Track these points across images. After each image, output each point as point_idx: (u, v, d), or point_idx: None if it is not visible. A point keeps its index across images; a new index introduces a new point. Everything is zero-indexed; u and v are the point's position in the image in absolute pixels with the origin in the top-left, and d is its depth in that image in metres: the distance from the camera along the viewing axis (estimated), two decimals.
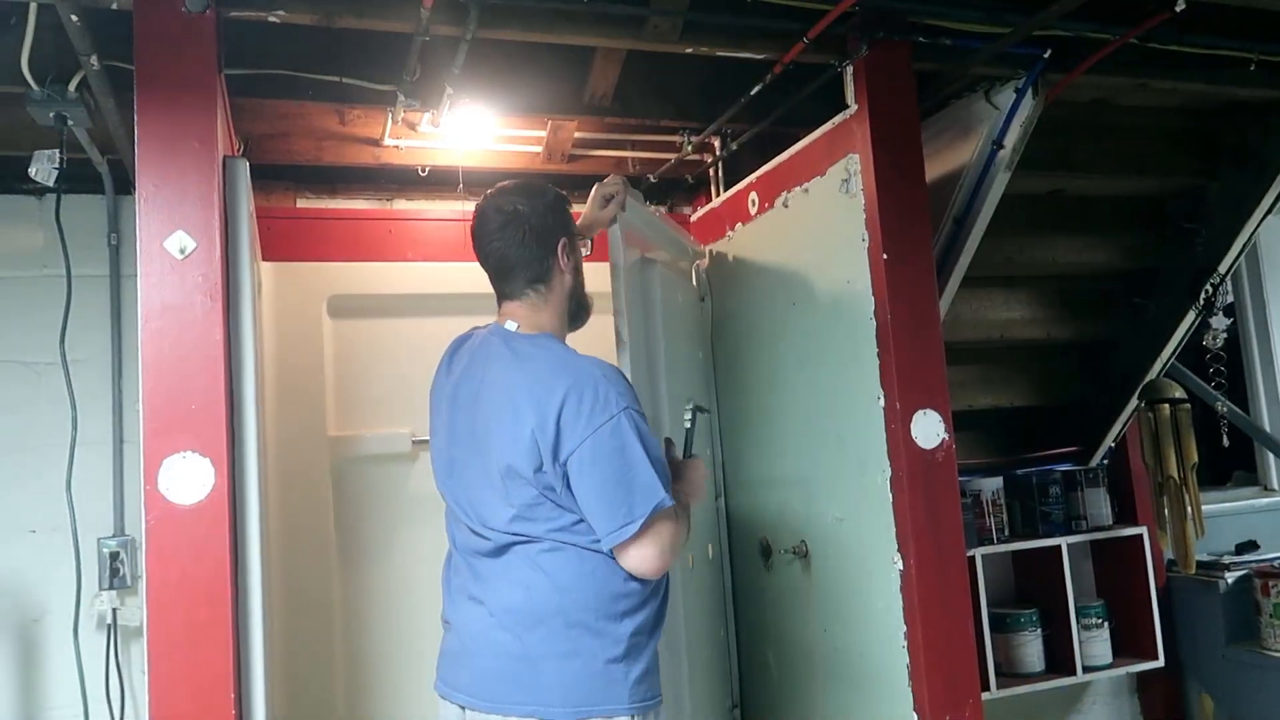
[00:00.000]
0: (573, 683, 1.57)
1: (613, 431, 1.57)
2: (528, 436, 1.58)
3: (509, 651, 1.59)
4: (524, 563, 1.62)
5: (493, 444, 1.64)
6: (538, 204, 1.77)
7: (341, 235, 2.68)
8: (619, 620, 1.61)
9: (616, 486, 1.57)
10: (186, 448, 1.67)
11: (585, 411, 1.57)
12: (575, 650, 1.58)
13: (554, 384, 1.60)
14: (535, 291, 1.77)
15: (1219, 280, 2.88)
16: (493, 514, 1.65)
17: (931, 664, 2.00)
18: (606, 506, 1.57)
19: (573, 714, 1.56)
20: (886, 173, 2.10)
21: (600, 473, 1.57)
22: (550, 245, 1.76)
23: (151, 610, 1.64)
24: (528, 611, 1.60)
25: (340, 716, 2.48)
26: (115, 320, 2.58)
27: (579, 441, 1.56)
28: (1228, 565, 3.27)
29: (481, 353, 1.76)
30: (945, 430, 2.08)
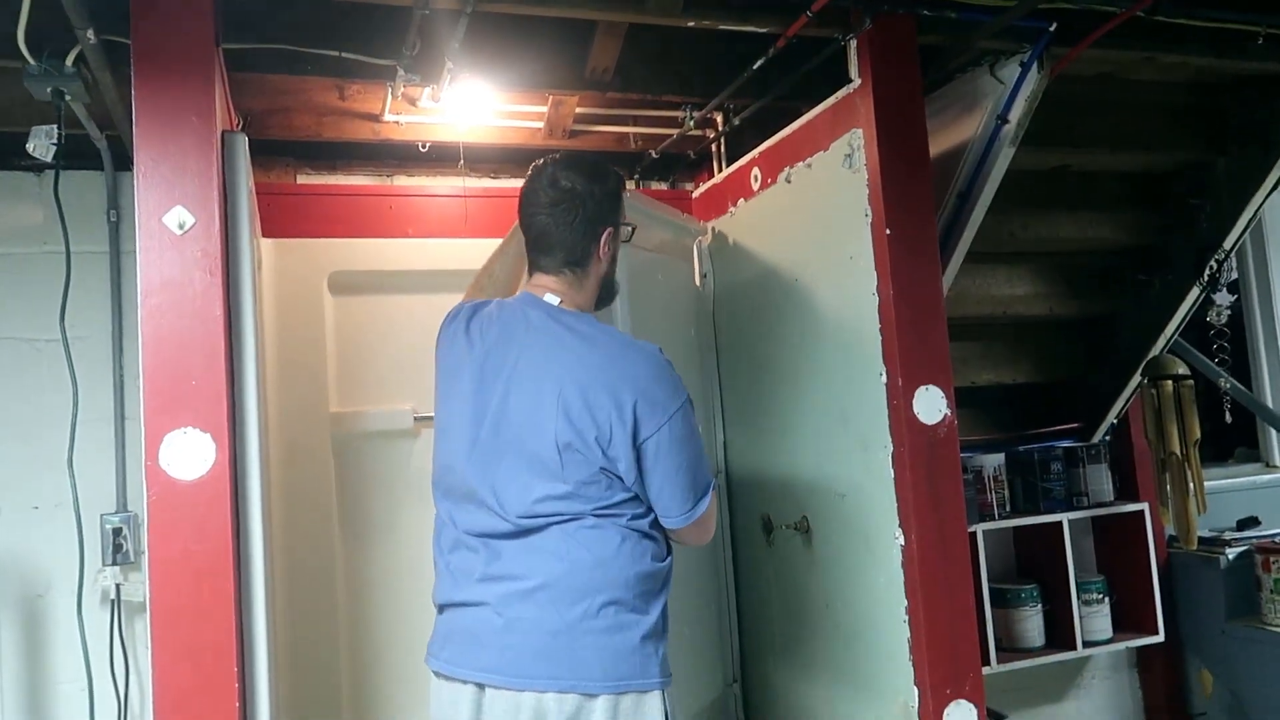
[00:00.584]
0: (613, 659, 1.59)
1: (683, 418, 1.66)
2: (601, 416, 1.61)
3: (546, 628, 1.59)
4: (561, 538, 1.62)
5: (546, 420, 1.63)
6: (596, 188, 1.76)
7: (342, 211, 2.67)
8: (650, 598, 1.65)
9: (688, 471, 1.66)
10: (187, 424, 1.67)
11: (662, 398, 1.64)
12: (615, 626, 1.60)
13: (630, 367, 1.65)
14: (571, 271, 1.77)
15: (1224, 256, 2.87)
16: (528, 493, 1.63)
17: (933, 639, 2.01)
18: (679, 489, 1.66)
19: (612, 689, 1.58)
20: (890, 148, 2.09)
21: (675, 458, 1.65)
22: (596, 233, 1.76)
23: (154, 585, 1.64)
24: (569, 587, 1.60)
25: (344, 691, 2.49)
26: (115, 297, 2.57)
27: (657, 427, 1.63)
28: (1229, 541, 3.28)
29: (516, 324, 1.73)
30: (948, 406, 2.08)
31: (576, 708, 1.57)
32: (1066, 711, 3.43)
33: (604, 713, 1.57)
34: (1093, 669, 3.47)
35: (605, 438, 1.61)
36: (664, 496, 1.66)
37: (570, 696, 1.57)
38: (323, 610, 2.52)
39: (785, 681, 2.58)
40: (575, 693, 1.57)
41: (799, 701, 2.51)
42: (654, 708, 1.60)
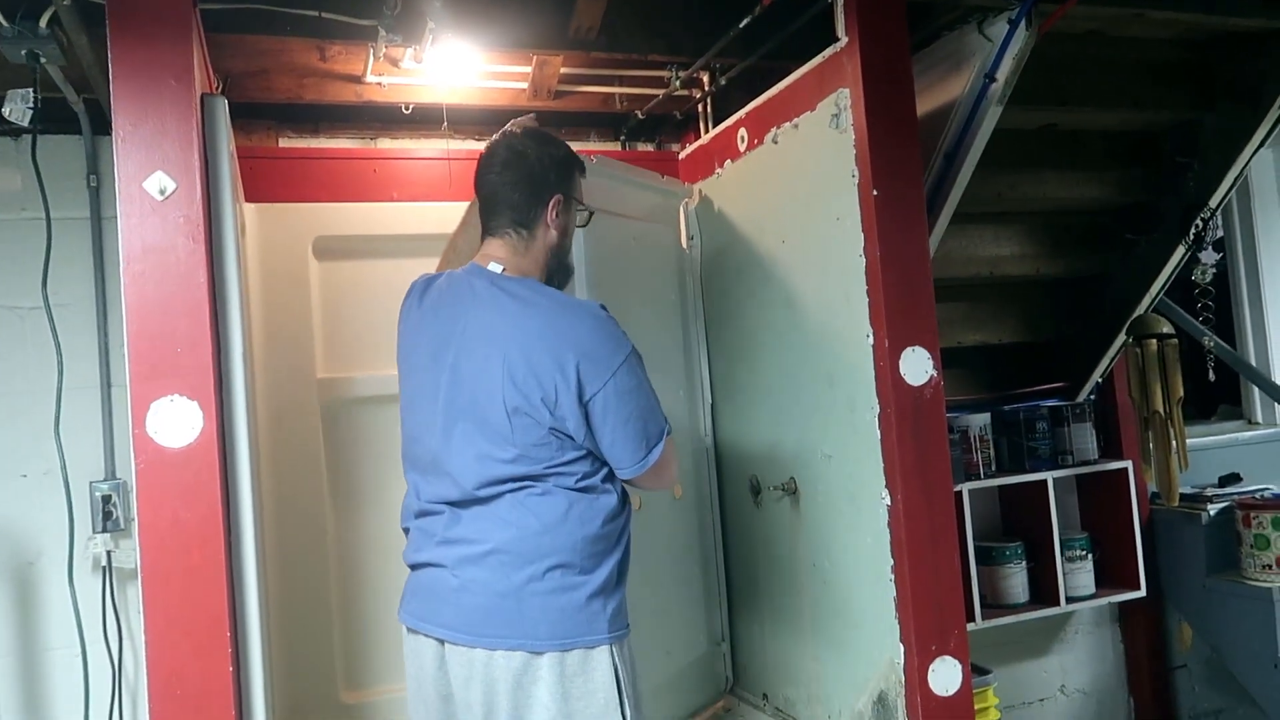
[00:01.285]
0: (559, 617, 1.67)
1: (629, 371, 1.71)
2: (545, 377, 1.67)
3: (495, 590, 1.68)
4: (512, 505, 1.70)
5: (494, 387, 1.69)
6: (544, 153, 1.85)
7: (325, 175, 2.64)
8: (599, 558, 1.72)
9: (636, 422, 1.72)
10: (174, 391, 1.66)
11: (604, 355, 1.69)
12: (561, 587, 1.68)
13: (569, 326, 1.71)
14: (517, 234, 1.83)
15: (1209, 215, 2.87)
16: (483, 459, 1.70)
17: (918, 596, 2.04)
18: (629, 441, 1.72)
19: (558, 646, 1.67)
20: (877, 107, 2.07)
21: (622, 411, 1.70)
22: (543, 197, 1.82)
23: (145, 553, 1.65)
24: (516, 552, 1.68)
25: (337, 654, 2.52)
26: (98, 263, 2.55)
27: (602, 383, 1.68)
28: (1210, 498, 3.32)
29: (462, 295, 1.79)
30: (934, 367, 2.09)
31: (524, 664, 1.66)
32: (1049, 665, 3.50)
33: (550, 668, 1.66)
34: (1075, 624, 3.53)
35: (551, 399, 1.67)
36: (616, 449, 1.72)
37: (517, 654, 1.66)
38: (314, 575, 2.53)
39: (773, 640, 2.62)
40: (522, 650, 1.66)
41: (787, 659, 2.55)
42: (602, 662, 1.69)
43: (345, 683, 2.53)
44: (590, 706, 1.67)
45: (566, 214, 1.87)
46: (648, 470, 1.75)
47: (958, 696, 2.06)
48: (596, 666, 1.68)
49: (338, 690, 2.53)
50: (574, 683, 1.67)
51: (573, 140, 3.01)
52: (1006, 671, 3.24)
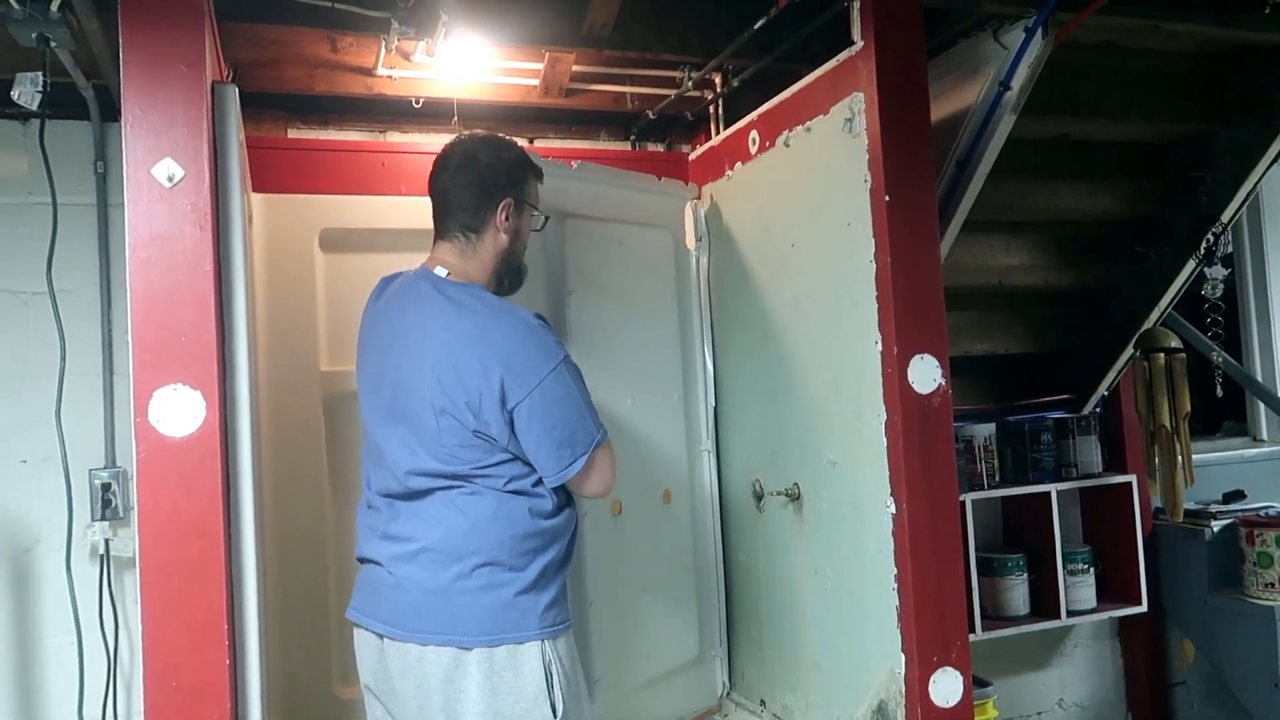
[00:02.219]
0: (486, 614, 1.71)
1: (556, 380, 1.72)
2: (470, 383, 1.69)
3: (425, 587, 1.72)
4: (443, 505, 1.74)
5: (424, 386, 1.73)
6: (496, 157, 1.87)
7: (334, 167, 2.63)
8: (530, 556, 1.75)
9: (563, 430, 1.73)
10: (177, 380, 1.65)
11: (532, 363, 1.71)
12: (488, 585, 1.72)
13: (496, 337, 1.72)
14: (465, 237, 1.86)
15: (1221, 230, 2.86)
16: (416, 457, 1.75)
17: (921, 606, 2.02)
18: (553, 449, 1.73)
19: (486, 642, 1.70)
20: (892, 112, 2.06)
21: (547, 420, 1.72)
22: (492, 200, 1.84)
23: (143, 542, 1.64)
24: (445, 550, 1.72)
25: (332, 648, 2.50)
26: (103, 251, 2.54)
27: (527, 391, 1.70)
28: (1214, 514, 3.30)
29: (408, 296, 1.84)
30: (942, 375, 2.07)
31: (454, 659, 1.70)
32: (1048, 679, 3.48)
33: (478, 664, 1.70)
34: (1075, 637, 3.51)
35: (475, 404, 1.70)
36: (539, 456, 1.74)
37: (447, 650, 1.70)
38: (312, 569, 2.51)
39: (772, 646, 2.60)
40: (452, 646, 1.70)
41: (785, 666, 2.53)
42: (530, 657, 1.72)
43: (340, 678, 2.51)
44: (519, 701, 1.71)
45: (518, 218, 1.89)
46: (574, 478, 1.77)
47: (958, 708, 2.04)
48: (525, 662, 1.71)
49: (332, 684, 2.51)
50: (502, 678, 1.71)
51: (583, 139, 3.04)
52: (1004, 684, 3.22)
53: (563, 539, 1.82)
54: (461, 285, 1.82)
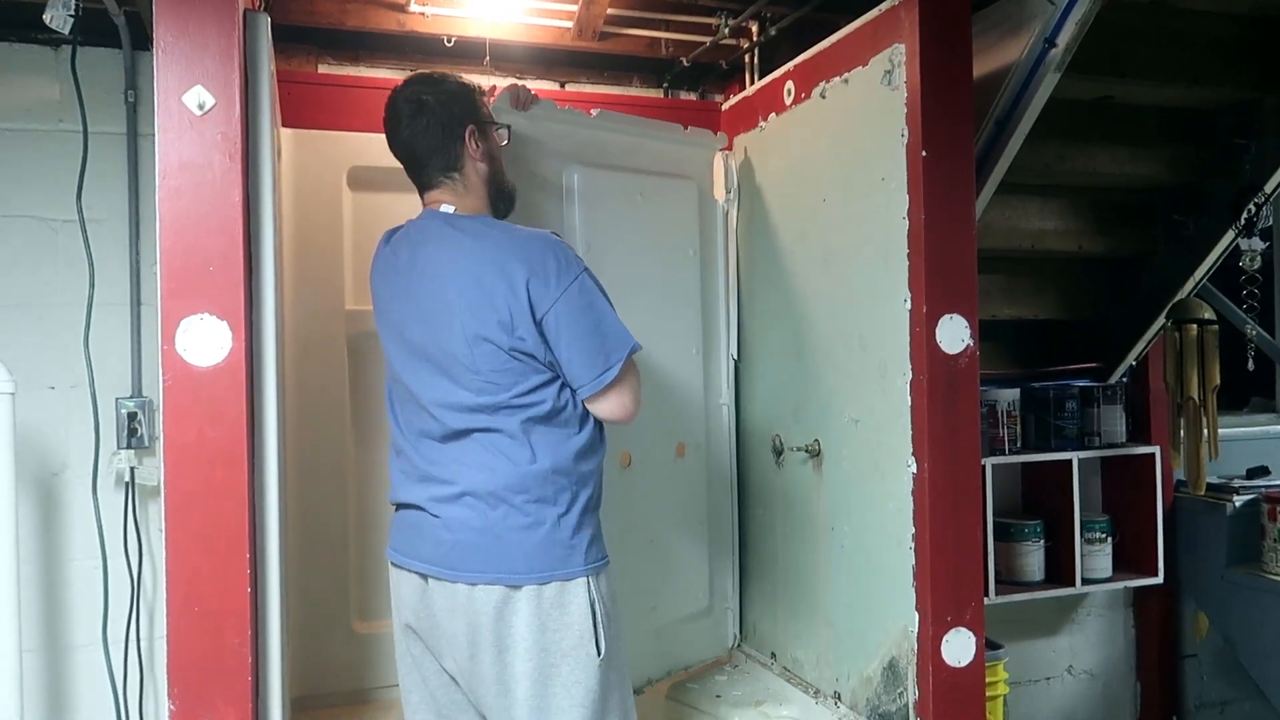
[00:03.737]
0: (535, 552, 1.72)
1: (580, 289, 1.73)
2: (499, 302, 1.70)
3: (473, 526, 1.73)
4: (481, 448, 1.75)
5: (455, 319, 1.74)
6: (440, 92, 1.86)
7: (364, 104, 2.59)
8: (572, 492, 1.76)
9: (592, 336, 1.73)
10: (204, 310, 1.66)
11: (553, 274, 1.71)
12: (536, 522, 1.73)
13: (517, 253, 1.73)
14: (450, 179, 1.86)
15: (1263, 200, 2.79)
16: (452, 393, 1.75)
17: (937, 566, 2.02)
18: (586, 356, 1.73)
19: (536, 579, 1.72)
20: (933, 66, 2.01)
21: (575, 327, 1.72)
22: (456, 132, 1.84)
23: (168, 470, 1.65)
24: (490, 492, 1.73)
25: (351, 585, 2.54)
26: (133, 181, 2.53)
27: (553, 301, 1.70)
28: (1237, 489, 3.28)
29: (421, 238, 1.85)
30: (971, 337, 2.05)
31: (503, 598, 1.71)
32: (1058, 645, 3.49)
33: (528, 601, 1.71)
34: (1089, 606, 3.51)
35: (508, 321, 1.70)
36: (573, 365, 1.74)
37: (496, 588, 1.71)
38: (333, 506, 2.54)
39: (785, 601, 2.61)
40: (501, 584, 1.71)
41: (798, 621, 2.55)
42: (578, 595, 1.74)
43: (358, 613, 2.55)
44: (566, 638, 1.73)
45: (485, 140, 1.89)
46: (606, 388, 1.75)
47: (970, 669, 2.05)
48: (573, 599, 1.73)
49: (350, 619, 2.55)
50: (551, 615, 1.72)
51: (615, 85, 3.00)
52: (1015, 648, 3.22)
53: (597, 475, 1.84)
54: (473, 217, 1.84)
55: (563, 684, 1.73)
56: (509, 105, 2.23)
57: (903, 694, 2.10)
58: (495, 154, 1.92)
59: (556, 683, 1.72)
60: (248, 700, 1.67)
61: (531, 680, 1.72)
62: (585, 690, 1.73)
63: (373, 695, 2.51)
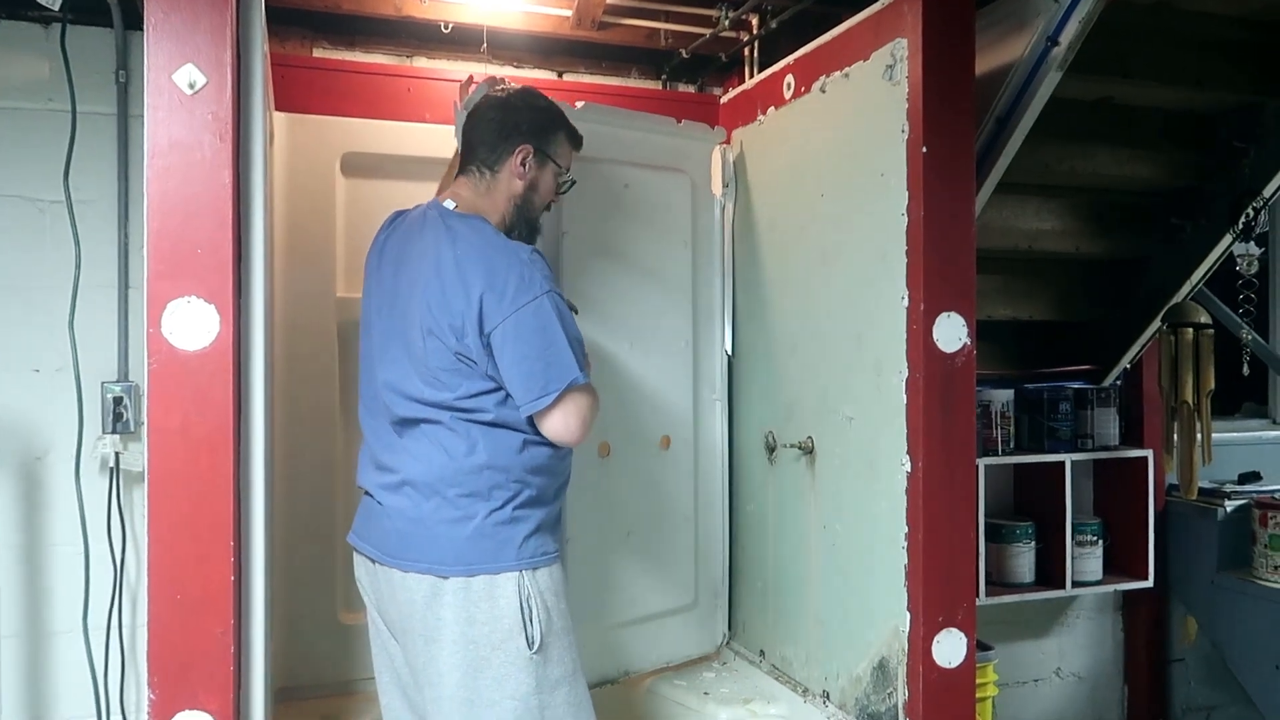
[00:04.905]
0: (464, 545, 1.74)
1: (535, 311, 1.72)
2: (455, 305, 1.72)
3: (408, 516, 1.78)
4: (426, 440, 1.78)
5: (415, 309, 1.77)
6: (526, 103, 1.94)
7: (358, 90, 2.58)
8: (509, 489, 1.77)
9: (536, 362, 1.73)
10: (191, 292, 1.63)
11: (511, 290, 1.71)
12: (466, 516, 1.75)
13: (482, 261, 1.74)
14: (480, 173, 1.90)
15: (1262, 205, 2.78)
16: (406, 380, 1.79)
17: (930, 566, 2.00)
18: (525, 378, 1.73)
19: (463, 571, 1.74)
20: (935, 61, 1.99)
21: (521, 348, 1.72)
22: (510, 141, 1.88)
23: (153, 455, 1.63)
24: (426, 484, 1.76)
25: (338, 575, 2.51)
26: (122, 163, 2.49)
27: (503, 317, 1.71)
28: (1229, 494, 3.27)
29: (415, 226, 1.89)
30: (968, 335, 2.04)
31: (432, 587, 1.75)
32: (1047, 647, 3.49)
33: (455, 594, 1.74)
34: (1078, 608, 3.50)
35: (459, 326, 1.72)
36: (513, 384, 1.75)
37: (426, 578, 1.75)
38: (320, 495, 2.52)
39: (775, 598, 2.60)
40: (431, 574, 1.75)
41: (788, 619, 2.53)
42: (508, 589, 1.74)
43: (344, 603, 2.52)
44: (496, 631, 1.74)
45: (538, 169, 1.91)
46: (546, 413, 1.75)
47: (960, 669, 2.04)
48: (502, 593, 1.74)
49: (336, 609, 2.52)
50: (479, 607, 1.74)
51: (613, 76, 2.97)
52: (1004, 649, 3.21)
53: (545, 474, 1.83)
54: (465, 217, 1.84)
55: (493, 677, 1.73)
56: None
57: (892, 694, 2.09)
58: (541, 188, 1.93)
59: (487, 675, 1.73)
60: (229, 690, 1.65)
61: (461, 673, 1.73)
62: (517, 683, 1.73)
63: (358, 686, 2.48)
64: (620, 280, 2.57)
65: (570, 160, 2.00)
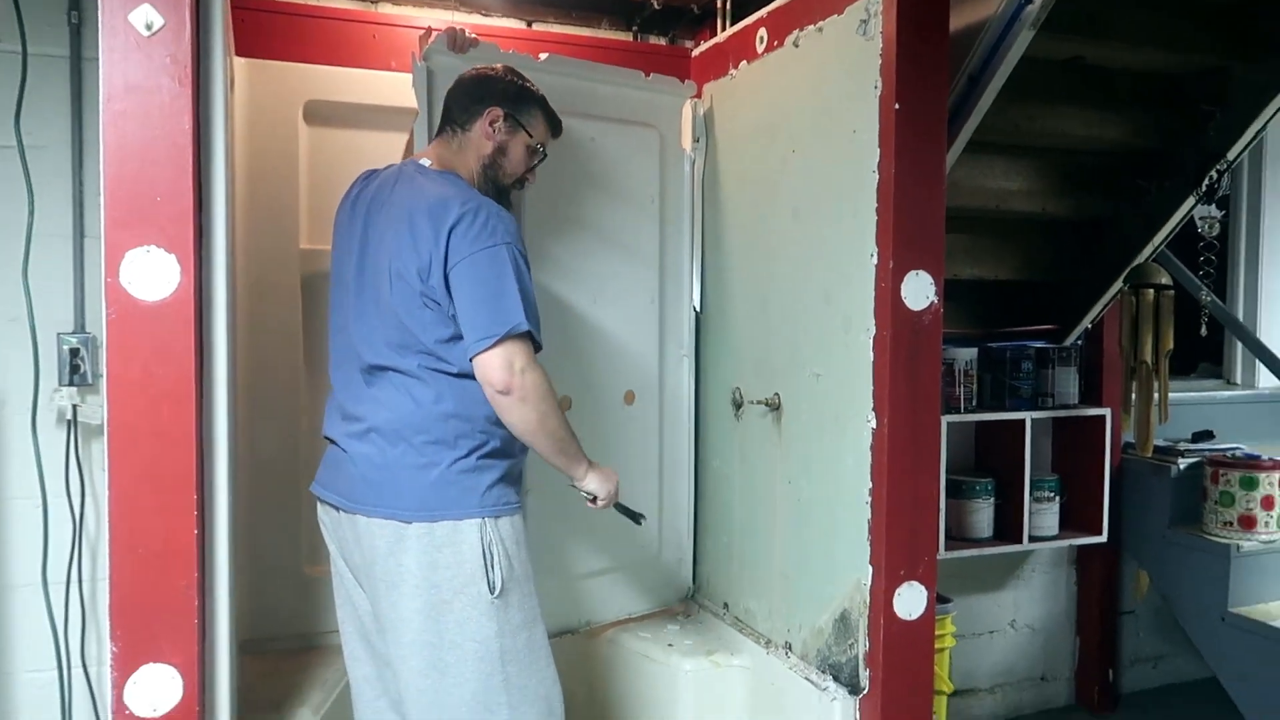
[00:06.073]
0: (428, 491, 1.78)
1: (491, 258, 1.75)
2: (422, 246, 1.75)
3: (374, 463, 1.81)
4: (393, 388, 1.81)
5: (384, 256, 1.81)
6: (505, 74, 2.01)
7: (322, 35, 2.51)
8: (473, 438, 1.81)
9: (484, 303, 1.75)
10: (150, 242, 1.59)
11: (473, 233, 1.75)
12: (431, 463, 1.78)
13: (452, 205, 1.77)
14: (453, 131, 1.97)
15: (1225, 168, 2.82)
16: (378, 327, 1.82)
17: (893, 521, 2.03)
18: (473, 318, 1.76)
19: (426, 517, 1.77)
20: (910, 16, 1.98)
21: (473, 288, 1.75)
22: (483, 103, 1.95)
23: (112, 406, 1.60)
24: (393, 430, 1.80)
25: (303, 528, 2.49)
26: (76, 107, 2.41)
27: (461, 257, 1.74)
28: (1182, 452, 3.35)
29: (389, 182, 1.92)
30: (935, 294, 2.05)
31: (395, 533, 1.78)
32: (1003, 600, 3.57)
33: (418, 538, 1.77)
34: (1034, 562, 3.59)
35: (425, 265, 1.75)
36: (464, 323, 1.76)
37: (390, 523, 1.78)
38: (284, 449, 2.49)
39: (740, 552, 2.63)
40: (394, 520, 1.78)
41: (752, 572, 2.56)
42: (470, 535, 1.78)
43: (308, 557, 2.51)
44: (458, 576, 1.77)
45: (508, 135, 1.97)
46: (484, 357, 1.74)
47: (920, 621, 2.08)
48: (465, 539, 1.78)
49: (300, 563, 2.52)
50: (441, 553, 1.77)
51: (583, 27, 2.93)
52: (962, 602, 3.29)
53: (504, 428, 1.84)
54: (441, 172, 1.90)
55: (455, 620, 1.77)
56: (446, 48, 2.20)
57: (853, 645, 2.13)
58: (510, 154, 1.98)
59: (449, 619, 1.77)
60: (194, 643, 1.64)
61: (424, 617, 1.77)
62: (478, 626, 1.78)
63: (322, 639, 2.48)
64: (585, 235, 2.56)
65: (545, 138, 2.04)
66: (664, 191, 2.71)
